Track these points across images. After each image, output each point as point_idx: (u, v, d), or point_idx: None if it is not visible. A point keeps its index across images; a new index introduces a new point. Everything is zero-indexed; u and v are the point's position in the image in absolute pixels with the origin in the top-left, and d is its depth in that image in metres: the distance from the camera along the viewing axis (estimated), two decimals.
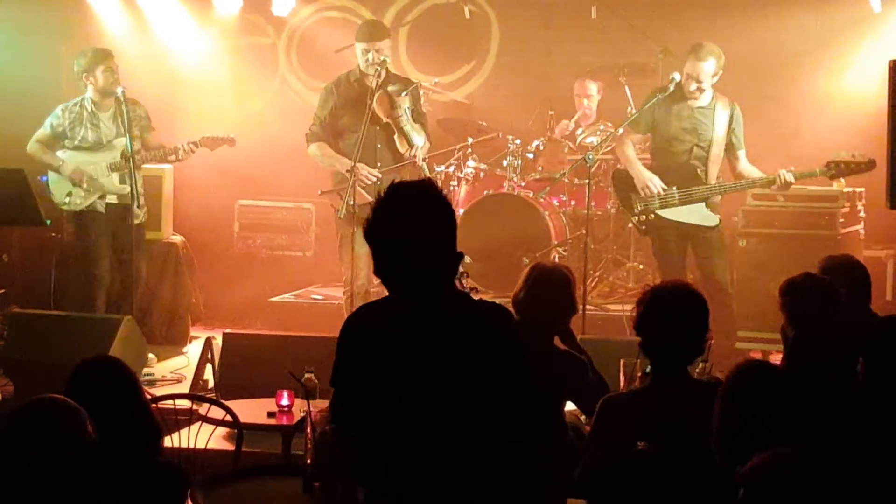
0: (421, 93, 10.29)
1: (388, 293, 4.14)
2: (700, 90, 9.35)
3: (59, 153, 9.95)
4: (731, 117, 9.43)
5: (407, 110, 9.57)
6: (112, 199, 9.94)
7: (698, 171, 9.42)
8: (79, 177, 9.87)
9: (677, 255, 9.59)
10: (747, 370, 4.34)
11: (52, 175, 9.98)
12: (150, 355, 9.65)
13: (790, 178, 9.22)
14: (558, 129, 11.80)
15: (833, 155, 9.22)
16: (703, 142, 9.42)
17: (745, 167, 9.49)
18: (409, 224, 4.03)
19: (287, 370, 5.82)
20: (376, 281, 10.06)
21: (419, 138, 9.59)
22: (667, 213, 9.48)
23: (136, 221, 9.81)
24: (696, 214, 9.45)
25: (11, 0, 11.78)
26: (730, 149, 9.46)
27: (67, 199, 9.91)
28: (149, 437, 4.48)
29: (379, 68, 9.45)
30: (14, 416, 3.75)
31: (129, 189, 9.67)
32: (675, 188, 9.44)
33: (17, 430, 3.69)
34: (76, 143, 9.93)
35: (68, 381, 4.42)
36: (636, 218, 9.61)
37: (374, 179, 9.36)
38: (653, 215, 9.52)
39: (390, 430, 4.01)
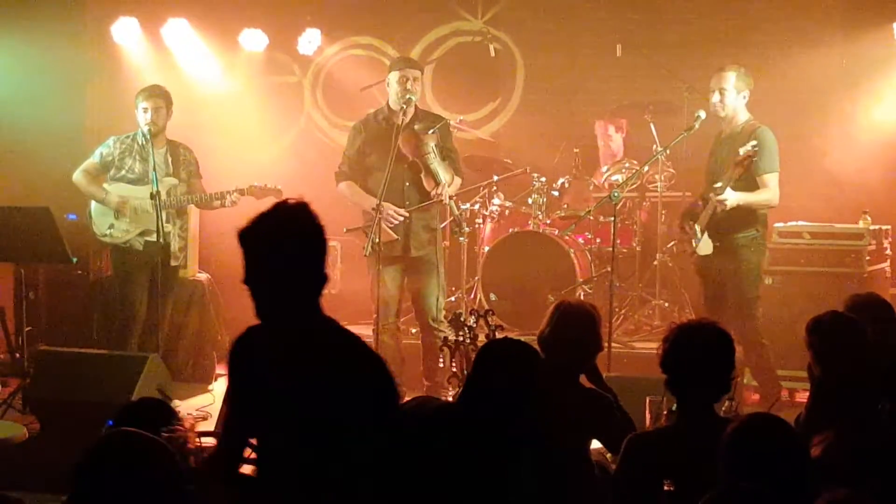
0: (452, 130, 10.20)
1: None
2: (722, 104, 9.33)
3: (105, 185, 9.96)
4: (751, 142, 9.27)
5: (434, 148, 9.53)
6: (152, 237, 9.90)
7: (710, 201, 9.41)
8: (123, 207, 9.86)
9: (711, 290, 9.61)
10: (754, 426, 4.32)
11: (95, 206, 9.98)
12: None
13: (714, 196, 9.21)
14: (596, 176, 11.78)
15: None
16: (717, 172, 9.43)
17: (761, 192, 9.40)
18: (276, 240, 4.22)
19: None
20: (404, 318, 10.10)
21: (447, 176, 9.56)
22: (698, 250, 9.52)
23: (175, 263, 9.91)
24: (701, 245, 9.46)
25: (41, 38, 11.84)
26: (757, 175, 9.37)
27: (109, 231, 9.91)
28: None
29: (405, 106, 9.47)
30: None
31: (170, 229, 9.72)
32: (695, 223, 9.49)
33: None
34: (122, 173, 9.91)
35: (117, 419, 4.50)
36: (690, 255, 9.70)
37: (401, 219, 9.38)
38: (693, 252, 9.59)
39: (266, 444, 4.21)
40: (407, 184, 9.51)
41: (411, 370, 9.71)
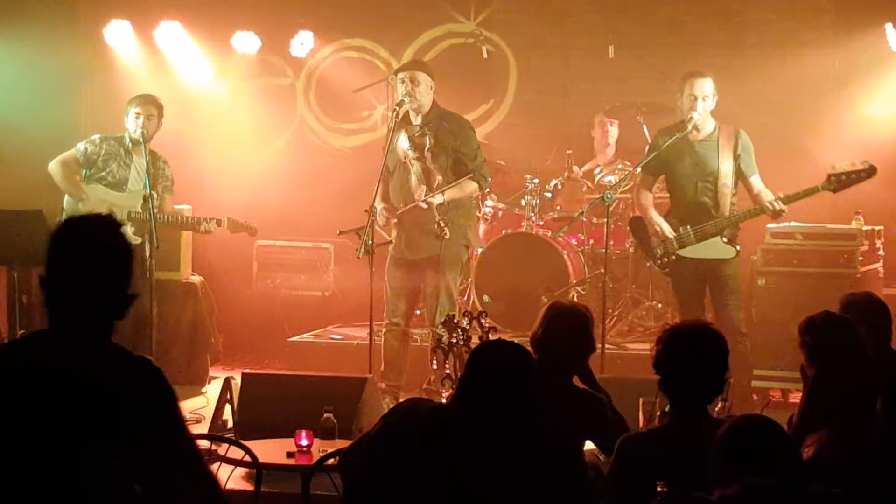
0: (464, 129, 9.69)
1: None
2: (704, 109, 9.28)
3: (84, 186, 9.91)
4: (736, 145, 9.30)
5: (424, 150, 9.43)
6: None
7: (708, 205, 9.35)
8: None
9: (696, 293, 9.52)
10: (746, 427, 4.32)
11: (68, 204, 9.93)
12: None
13: (779, 206, 9.14)
14: (582, 170, 11.76)
15: (831, 168, 9.14)
16: (708, 176, 9.32)
17: (760, 191, 9.33)
18: (69, 258, 4.00)
19: None
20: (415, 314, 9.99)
21: (439, 178, 9.44)
22: (686, 252, 9.42)
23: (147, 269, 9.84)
24: (713, 249, 9.35)
25: (34, 41, 11.83)
26: (741, 176, 9.35)
27: None
28: None
29: (397, 108, 9.45)
30: None
31: (140, 241, 9.72)
32: (689, 227, 9.39)
33: None
34: (102, 174, 9.87)
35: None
36: (659, 261, 9.56)
37: (386, 217, 9.33)
38: (674, 256, 9.48)
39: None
40: (400, 185, 9.49)
41: (412, 372, 9.65)
